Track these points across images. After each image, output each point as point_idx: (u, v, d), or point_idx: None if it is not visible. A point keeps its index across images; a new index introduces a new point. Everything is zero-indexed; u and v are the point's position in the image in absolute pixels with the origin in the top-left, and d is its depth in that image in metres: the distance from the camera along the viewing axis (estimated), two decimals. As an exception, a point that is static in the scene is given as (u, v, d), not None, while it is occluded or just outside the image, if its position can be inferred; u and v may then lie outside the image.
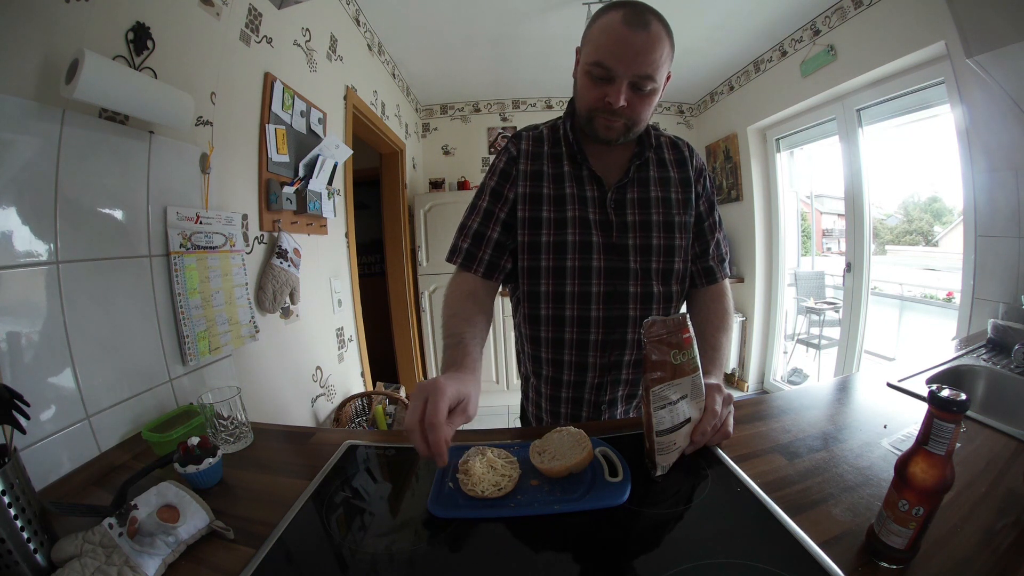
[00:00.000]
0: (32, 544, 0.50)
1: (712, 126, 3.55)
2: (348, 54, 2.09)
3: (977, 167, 1.70)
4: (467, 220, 0.87)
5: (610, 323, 0.84)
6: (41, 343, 0.75)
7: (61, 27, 0.78)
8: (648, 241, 0.84)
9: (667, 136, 0.92)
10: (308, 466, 0.73)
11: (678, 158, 0.89)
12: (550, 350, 0.88)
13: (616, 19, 0.70)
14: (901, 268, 3.46)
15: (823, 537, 0.51)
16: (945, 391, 0.45)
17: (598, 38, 0.72)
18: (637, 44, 0.69)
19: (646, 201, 0.85)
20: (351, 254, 2.19)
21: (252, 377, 1.29)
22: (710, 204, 0.91)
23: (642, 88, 0.73)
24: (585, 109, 0.78)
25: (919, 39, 1.85)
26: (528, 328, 0.90)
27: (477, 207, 0.87)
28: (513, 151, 0.87)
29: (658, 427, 0.62)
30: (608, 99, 0.73)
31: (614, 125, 0.77)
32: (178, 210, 1.02)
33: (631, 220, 0.84)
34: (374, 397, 2.03)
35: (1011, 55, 1.20)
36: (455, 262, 0.86)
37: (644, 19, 0.69)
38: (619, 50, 0.70)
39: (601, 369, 0.87)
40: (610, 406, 0.91)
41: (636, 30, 0.69)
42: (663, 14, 0.72)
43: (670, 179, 0.87)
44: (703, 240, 0.90)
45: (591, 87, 0.75)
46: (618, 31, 0.69)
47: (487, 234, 0.85)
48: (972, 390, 1.15)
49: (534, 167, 0.85)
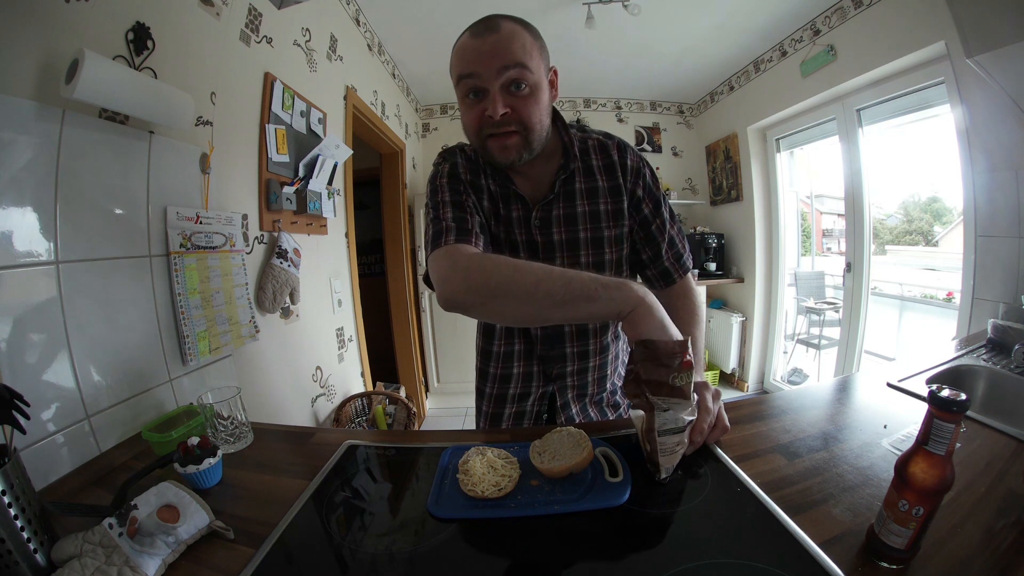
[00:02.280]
0: (32, 544, 0.50)
1: (712, 126, 3.55)
2: (348, 54, 2.09)
3: (977, 167, 1.70)
4: (439, 213, 0.74)
5: (548, 340, 0.87)
6: (41, 343, 0.75)
7: (61, 27, 0.78)
8: (576, 260, 0.81)
9: (595, 138, 0.84)
10: (308, 466, 0.73)
11: (606, 163, 0.82)
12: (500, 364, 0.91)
13: (465, 36, 0.70)
14: (901, 268, 3.45)
15: (823, 537, 0.51)
16: (945, 391, 0.45)
17: (457, 61, 0.71)
18: (489, 45, 0.67)
19: (572, 217, 0.81)
20: (351, 254, 2.19)
21: (252, 377, 1.29)
22: (655, 203, 0.84)
23: (518, 87, 0.68)
24: (474, 137, 0.74)
25: (919, 39, 1.85)
26: (484, 341, 0.93)
27: (441, 203, 0.76)
28: (451, 160, 0.83)
29: (660, 428, 0.60)
30: (488, 113, 0.69)
31: (508, 142, 0.71)
32: (178, 210, 1.02)
33: (557, 239, 0.81)
34: (374, 397, 2.03)
35: (1011, 55, 1.20)
36: (444, 242, 0.70)
37: (491, 24, 0.68)
38: (475, 58, 0.68)
39: (545, 378, 0.91)
40: (563, 409, 0.92)
41: (485, 35, 0.68)
42: (665, 14, 0.72)
43: (598, 189, 0.82)
44: (653, 244, 0.85)
45: (468, 110, 0.72)
46: (468, 43, 0.69)
47: (467, 216, 0.74)
48: (972, 390, 1.15)
49: (474, 179, 0.82)
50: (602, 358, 0.90)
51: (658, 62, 2.91)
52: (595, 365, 0.90)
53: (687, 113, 3.79)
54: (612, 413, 0.96)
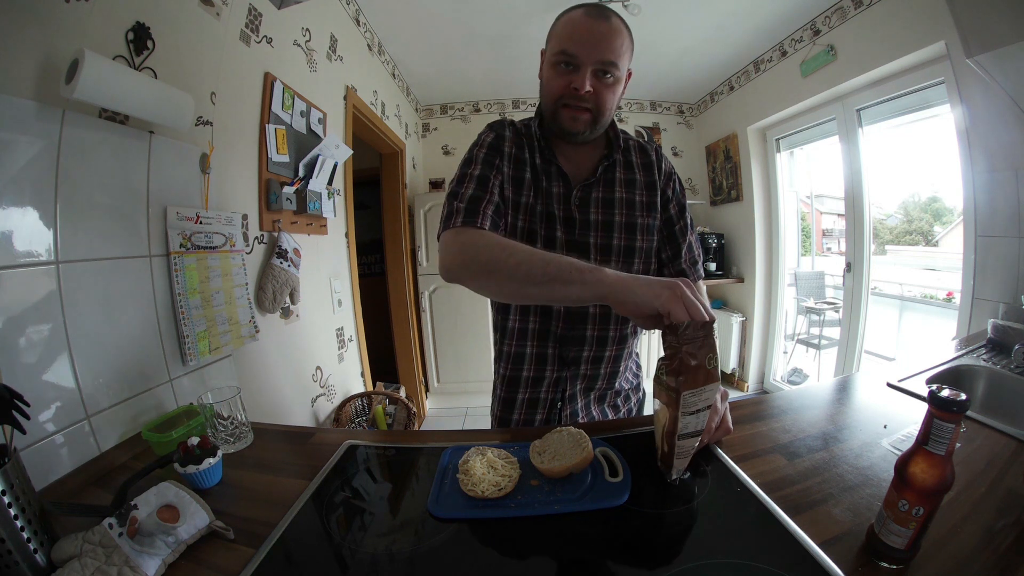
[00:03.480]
0: (32, 544, 0.50)
1: (712, 126, 3.55)
2: (348, 54, 2.09)
3: (977, 167, 1.70)
4: (460, 187, 0.79)
5: (571, 319, 0.86)
6: (41, 343, 0.75)
7: (61, 27, 0.78)
8: (609, 241, 0.85)
9: (636, 140, 0.93)
10: (308, 466, 0.73)
11: (645, 162, 0.90)
12: (515, 342, 0.90)
13: (579, 13, 0.76)
14: (901, 268, 3.45)
15: (823, 537, 0.52)
16: (945, 391, 0.45)
17: (562, 31, 0.77)
18: (599, 32, 0.74)
19: (610, 201, 0.85)
20: (351, 254, 2.19)
21: (252, 377, 1.29)
22: (680, 208, 0.91)
23: (606, 75, 0.76)
24: (551, 101, 0.80)
25: (919, 39, 1.85)
26: (500, 317, 0.93)
27: (468, 175, 0.80)
28: (498, 131, 0.87)
29: (682, 431, 0.59)
30: (574, 85, 0.76)
31: (580, 116, 0.78)
32: (178, 210, 1.02)
33: (594, 219, 0.85)
34: (374, 397, 2.03)
35: (1011, 55, 1.20)
36: (452, 224, 0.75)
37: (605, 12, 0.75)
38: (583, 37, 0.74)
39: (560, 363, 0.89)
40: (570, 401, 0.91)
41: (598, 20, 0.74)
42: (665, 14, 0.73)
43: (636, 181, 0.88)
44: (675, 244, 0.90)
45: (556, 77, 0.78)
46: (581, 21, 0.75)
47: (485, 197, 0.77)
48: (972, 390, 1.15)
49: (517, 152, 0.85)
50: (618, 349, 0.90)
51: (658, 62, 2.91)
52: (611, 356, 0.90)
53: (687, 113, 3.79)
54: (612, 413, 0.96)
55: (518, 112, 3.64)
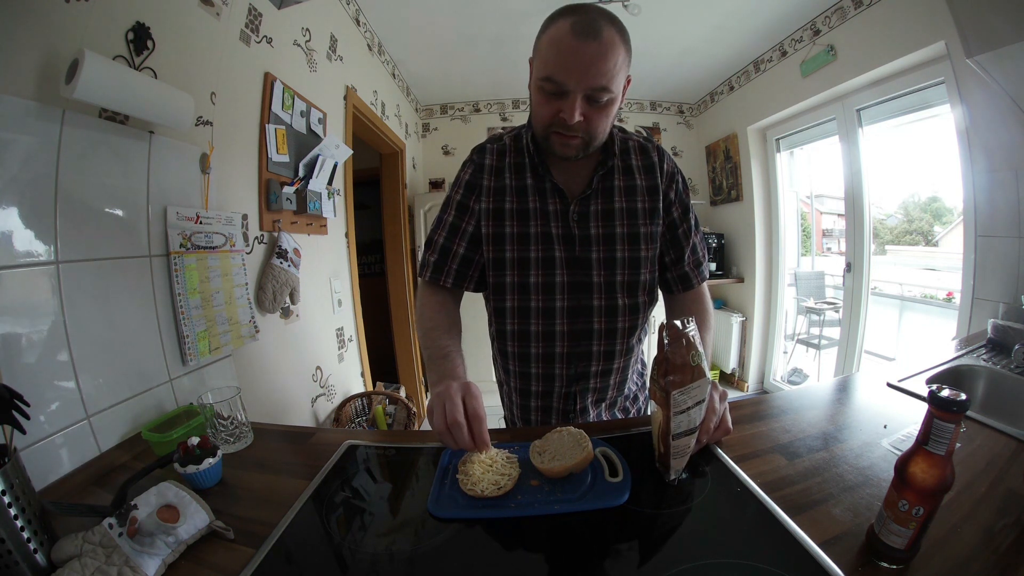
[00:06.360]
0: (32, 544, 0.50)
1: (712, 126, 3.55)
2: (348, 54, 2.09)
3: (977, 167, 1.70)
4: (434, 235, 0.88)
5: (575, 336, 0.84)
6: (41, 343, 0.74)
7: (61, 27, 0.78)
8: (612, 255, 0.82)
9: (636, 140, 0.87)
10: (308, 466, 0.73)
11: (646, 164, 0.85)
12: (517, 363, 0.89)
13: (564, 29, 0.65)
14: (901, 268, 3.46)
15: (823, 537, 0.51)
16: (945, 391, 0.45)
17: (547, 52, 0.68)
18: (588, 56, 0.64)
19: (610, 213, 0.82)
20: (351, 254, 2.19)
21: (252, 377, 1.29)
22: (684, 208, 0.87)
23: (598, 100, 0.68)
24: (541, 127, 0.75)
25: (919, 39, 1.85)
26: (497, 342, 0.92)
27: (443, 221, 0.87)
28: (478, 163, 0.86)
29: (675, 431, 0.60)
30: (562, 115, 0.69)
31: (571, 143, 0.73)
32: (178, 210, 1.02)
33: (594, 233, 0.82)
34: (374, 397, 2.03)
35: (1011, 55, 1.20)
36: (424, 276, 0.88)
37: (595, 27, 0.65)
38: (570, 63, 0.65)
39: (568, 380, 0.87)
40: (581, 414, 0.90)
41: (586, 40, 0.64)
42: (665, 14, 0.72)
43: (636, 187, 0.84)
44: (678, 247, 0.88)
45: (544, 103, 0.71)
46: (567, 43, 0.65)
47: (453, 249, 0.85)
48: (972, 390, 1.15)
49: (497, 183, 0.84)
50: (626, 360, 0.89)
51: (658, 62, 2.91)
52: (618, 367, 0.88)
53: (687, 113, 3.79)
54: (623, 416, 0.96)
55: (518, 112, 3.64)
